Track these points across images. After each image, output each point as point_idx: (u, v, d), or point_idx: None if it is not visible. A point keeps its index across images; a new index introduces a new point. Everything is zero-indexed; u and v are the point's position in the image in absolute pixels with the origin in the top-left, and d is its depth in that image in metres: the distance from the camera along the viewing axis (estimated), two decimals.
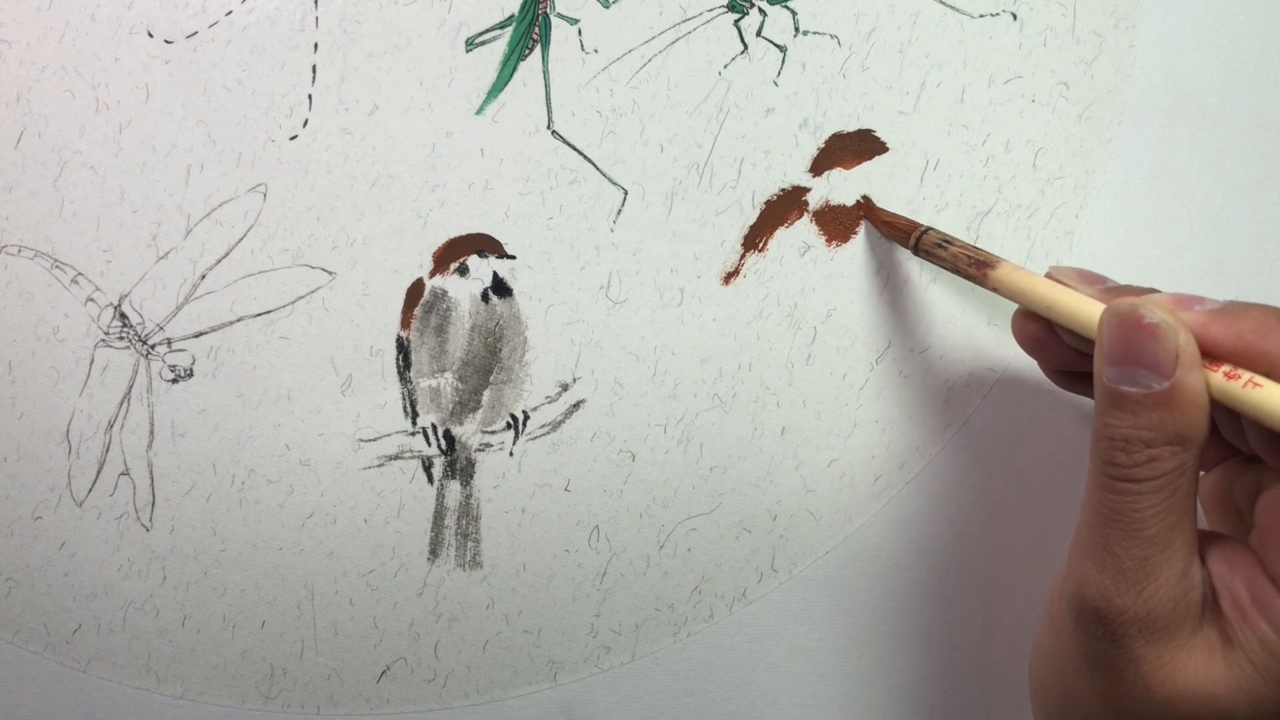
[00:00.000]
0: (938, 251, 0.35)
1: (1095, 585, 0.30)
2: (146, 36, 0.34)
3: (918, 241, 0.36)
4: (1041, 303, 0.32)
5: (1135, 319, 0.29)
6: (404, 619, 0.38)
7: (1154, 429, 0.29)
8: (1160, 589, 0.29)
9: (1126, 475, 0.29)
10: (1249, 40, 0.39)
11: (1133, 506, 0.29)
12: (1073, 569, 0.31)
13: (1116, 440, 0.29)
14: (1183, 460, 0.29)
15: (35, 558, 0.37)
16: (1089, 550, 0.30)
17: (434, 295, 0.37)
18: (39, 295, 0.35)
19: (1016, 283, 0.33)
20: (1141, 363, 0.29)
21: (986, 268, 0.34)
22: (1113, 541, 0.29)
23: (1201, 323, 0.29)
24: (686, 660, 0.40)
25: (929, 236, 0.36)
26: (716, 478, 0.39)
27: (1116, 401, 0.29)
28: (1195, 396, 0.29)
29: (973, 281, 0.34)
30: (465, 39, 0.35)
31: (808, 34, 0.37)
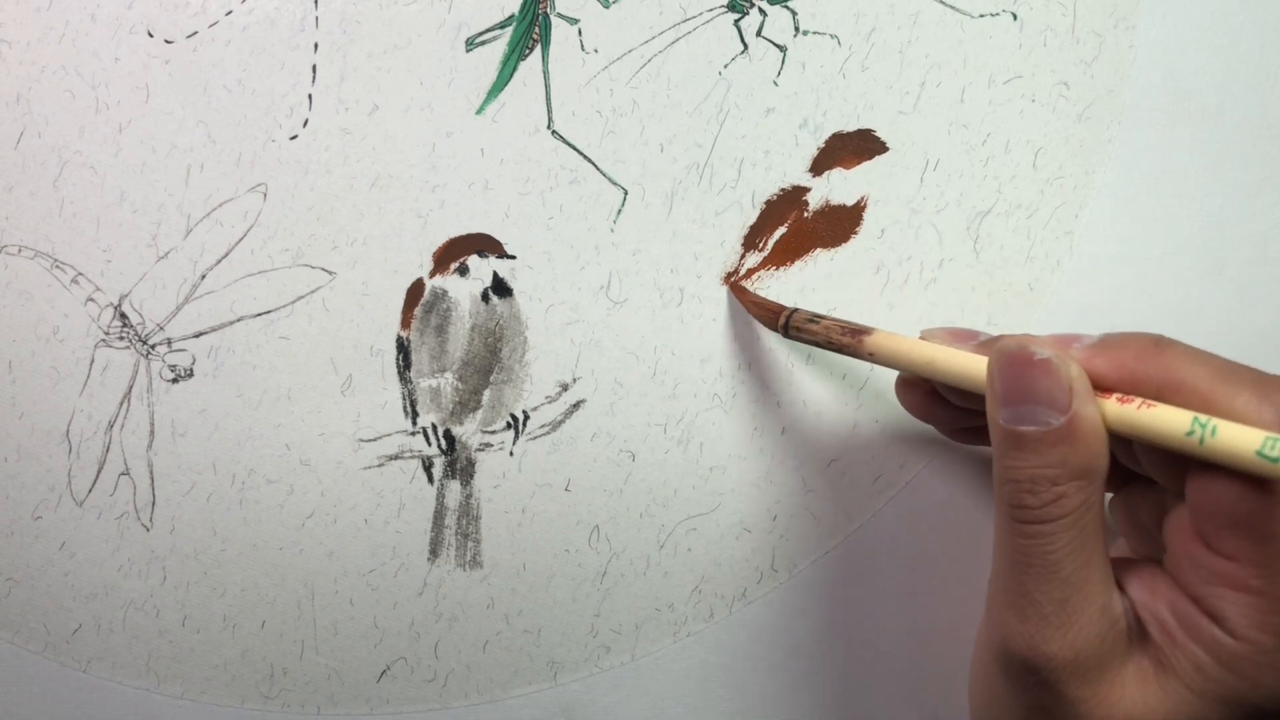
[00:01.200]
0: (808, 327, 0.34)
1: (1020, 635, 0.29)
2: (146, 36, 0.34)
3: (786, 322, 0.35)
4: (921, 365, 0.32)
5: (1025, 356, 0.29)
6: (404, 619, 0.38)
7: (1058, 465, 0.29)
8: (1085, 628, 0.29)
9: (1036, 516, 0.29)
10: (1249, 40, 0.39)
11: (1046, 548, 0.29)
12: (993, 621, 0.30)
13: (1022, 482, 0.29)
14: (1088, 494, 0.29)
15: (35, 558, 0.37)
16: (1007, 600, 0.30)
17: (434, 295, 0.37)
18: (39, 295, 0.35)
19: (893, 349, 0.32)
20: (1036, 400, 0.29)
21: (861, 335, 0.33)
22: (1030, 587, 0.29)
23: (1084, 358, 0.29)
24: (686, 660, 0.40)
25: (797, 315, 0.35)
26: (716, 478, 0.39)
27: (1016, 443, 0.29)
28: (1094, 427, 0.29)
29: (846, 353, 0.34)
30: (465, 39, 0.35)
31: (808, 34, 0.37)
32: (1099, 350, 0.29)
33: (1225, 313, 0.40)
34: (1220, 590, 0.28)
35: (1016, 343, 0.30)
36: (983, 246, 0.38)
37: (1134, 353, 0.29)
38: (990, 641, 0.31)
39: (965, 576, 0.40)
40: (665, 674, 0.40)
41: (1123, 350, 0.29)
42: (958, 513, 0.40)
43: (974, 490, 0.40)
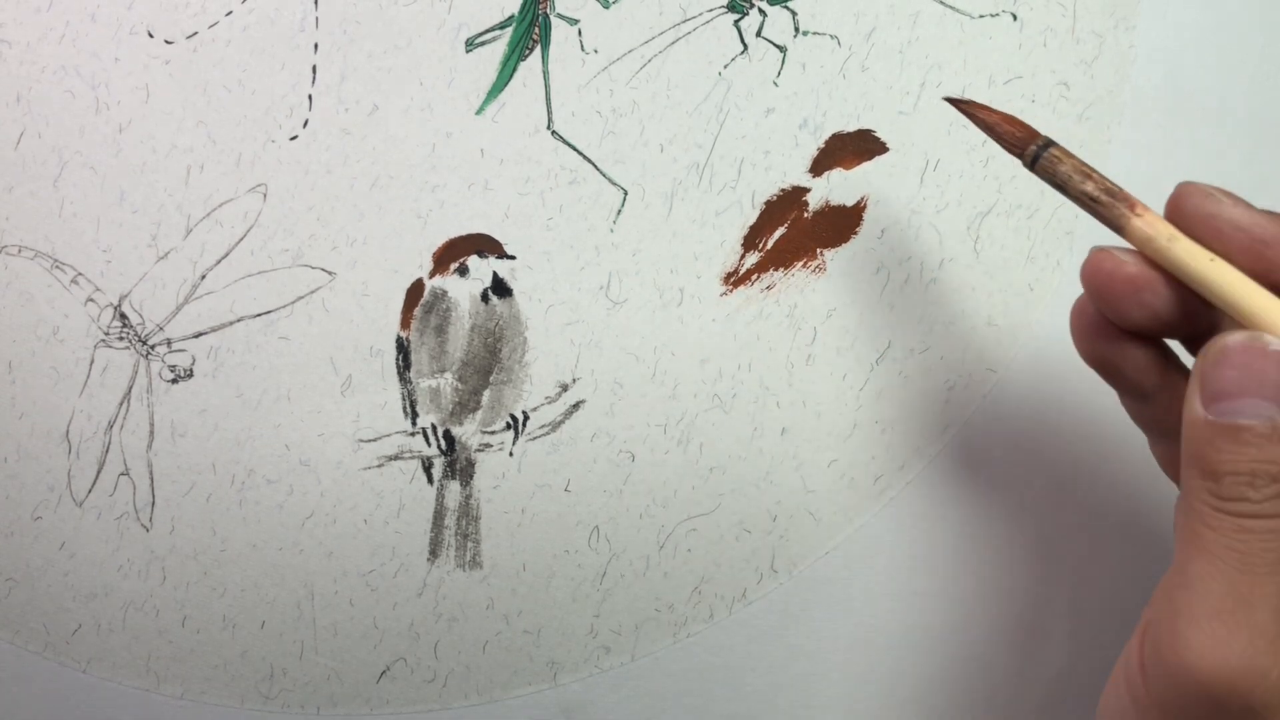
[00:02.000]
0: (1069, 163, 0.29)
1: (1224, 650, 0.26)
2: (146, 36, 0.34)
3: (1038, 154, 0.30)
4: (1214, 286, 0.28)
5: (1259, 347, 0.27)
6: (404, 619, 0.38)
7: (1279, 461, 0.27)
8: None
9: (1257, 511, 0.27)
10: (1249, 40, 0.39)
11: (1270, 546, 0.26)
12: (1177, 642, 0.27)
13: (1241, 475, 0.27)
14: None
15: (35, 558, 0.37)
16: (1206, 609, 0.27)
17: (434, 295, 0.37)
18: (39, 295, 0.35)
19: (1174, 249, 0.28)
20: (1264, 394, 0.27)
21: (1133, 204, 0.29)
22: (1245, 590, 0.26)
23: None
24: (686, 660, 0.40)
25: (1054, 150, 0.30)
26: (716, 478, 0.39)
27: (1233, 436, 0.27)
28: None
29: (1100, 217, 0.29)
30: (465, 39, 0.35)
31: (808, 34, 0.37)
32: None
33: None
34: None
35: (1250, 335, 0.27)
36: (983, 247, 0.38)
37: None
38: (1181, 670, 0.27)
39: (965, 577, 0.40)
40: (665, 674, 0.40)
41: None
42: (958, 513, 0.40)
43: (974, 491, 0.40)
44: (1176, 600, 0.27)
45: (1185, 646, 0.27)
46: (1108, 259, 0.30)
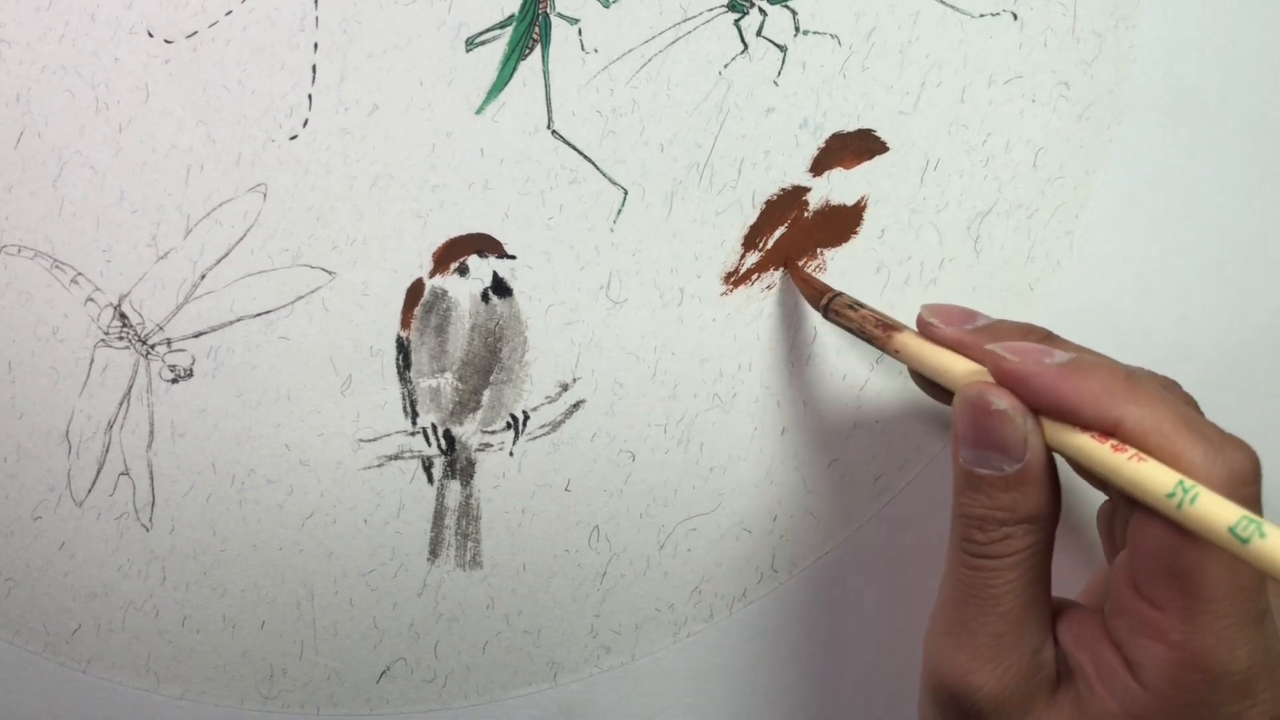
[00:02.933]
0: (846, 313, 0.35)
1: (952, 663, 0.30)
2: (146, 36, 0.34)
3: (828, 303, 0.36)
4: (939, 372, 0.32)
5: (983, 405, 0.30)
6: (404, 619, 0.38)
7: (1007, 509, 0.30)
8: (1015, 666, 0.30)
9: (982, 552, 0.30)
10: (1249, 40, 0.39)
11: (989, 583, 0.30)
12: (929, 647, 0.31)
13: (973, 519, 0.30)
14: (1036, 539, 0.30)
15: (35, 558, 0.37)
16: (946, 627, 0.31)
17: (434, 295, 0.37)
18: (39, 295, 0.35)
19: (917, 352, 0.33)
20: (991, 446, 0.30)
21: (892, 331, 0.34)
22: (969, 617, 0.30)
23: (1052, 377, 0.29)
24: (686, 660, 0.40)
25: (839, 300, 0.35)
26: (716, 478, 0.39)
27: (971, 482, 0.30)
28: (1044, 478, 0.30)
29: (875, 345, 0.34)
30: (465, 39, 0.35)
31: (808, 34, 0.37)
32: (1066, 374, 0.29)
33: (1225, 313, 0.40)
34: (1142, 640, 0.28)
35: (976, 390, 0.30)
36: (983, 246, 0.38)
37: (1101, 383, 0.29)
38: (926, 669, 0.32)
39: None
40: (665, 674, 0.40)
41: (1090, 379, 0.29)
42: None
43: None
44: (931, 615, 0.32)
45: (927, 653, 0.32)
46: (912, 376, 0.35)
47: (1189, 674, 0.28)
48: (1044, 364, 0.30)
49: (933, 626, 0.32)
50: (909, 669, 0.40)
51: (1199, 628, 0.27)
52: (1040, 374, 0.29)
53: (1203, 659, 0.27)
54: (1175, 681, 0.28)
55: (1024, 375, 0.29)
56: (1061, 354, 0.30)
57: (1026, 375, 0.29)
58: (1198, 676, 0.28)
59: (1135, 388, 0.29)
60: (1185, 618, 0.28)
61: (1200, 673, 0.28)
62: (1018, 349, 0.30)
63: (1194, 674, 0.28)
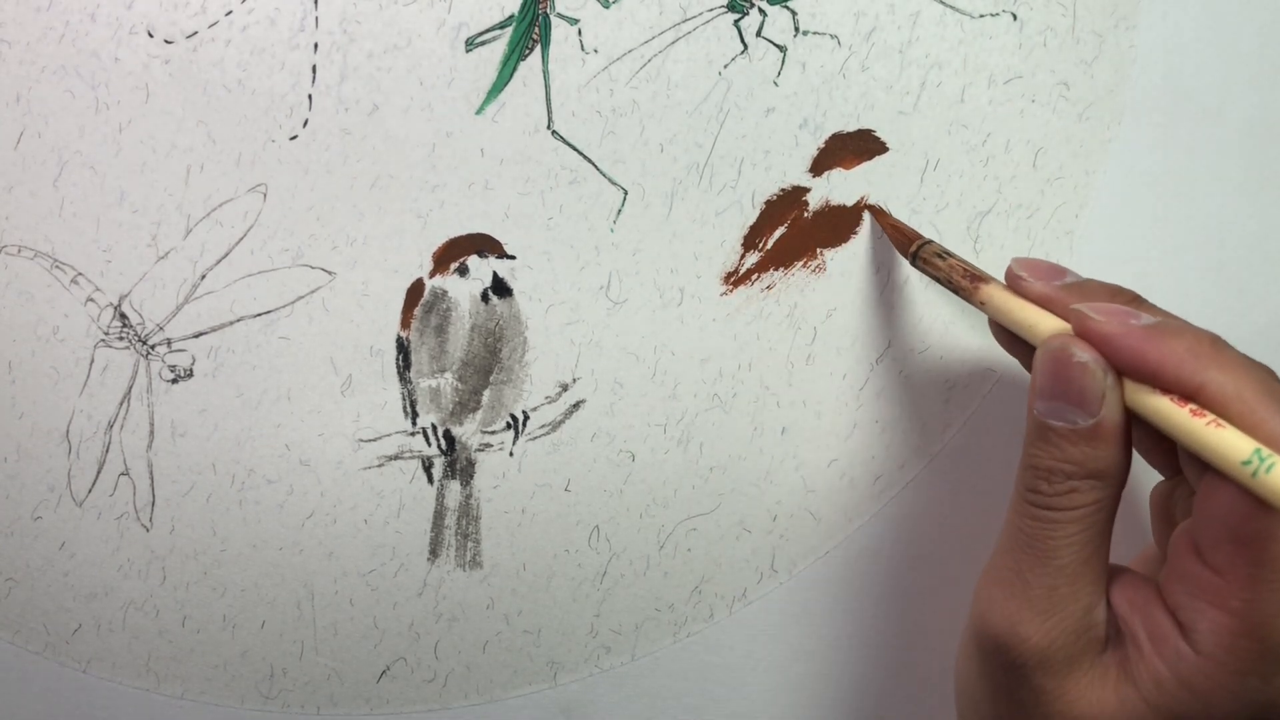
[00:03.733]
0: (935, 262, 0.35)
1: (1001, 611, 0.30)
2: (146, 36, 0.34)
3: (917, 250, 0.36)
4: (1024, 327, 0.32)
5: (1065, 357, 0.30)
6: (404, 619, 0.38)
7: (1076, 463, 0.30)
8: (1065, 621, 0.30)
9: (1046, 504, 0.30)
10: (1249, 40, 0.39)
11: (1049, 535, 0.30)
12: (981, 595, 0.31)
13: (1040, 470, 0.30)
14: (1101, 495, 0.30)
15: (35, 558, 0.37)
16: (999, 575, 0.31)
17: (434, 295, 0.37)
18: (39, 295, 0.35)
19: (1003, 305, 0.33)
20: (1069, 399, 0.30)
21: (979, 281, 0.34)
22: (1025, 567, 0.30)
23: (1138, 338, 0.29)
24: (686, 660, 0.40)
25: (928, 248, 0.36)
26: (716, 478, 0.39)
27: (1043, 434, 0.30)
28: (1116, 435, 0.30)
29: (961, 295, 0.34)
30: (465, 39, 0.35)
31: (808, 34, 0.37)
32: (1152, 336, 0.29)
33: (1225, 313, 0.40)
34: (1199, 604, 0.28)
35: (1060, 342, 0.30)
36: (983, 246, 0.38)
37: (1186, 347, 0.29)
38: (974, 617, 0.32)
39: (965, 577, 0.40)
40: (665, 674, 0.40)
41: (1176, 342, 0.29)
42: (958, 513, 0.40)
43: (974, 491, 0.40)
44: (987, 564, 0.32)
45: (977, 600, 0.31)
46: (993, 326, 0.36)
47: (1245, 641, 0.28)
48: (1129, 325, 0.30)
49: (986, 575, 0.31)
50: (909, 669, 0.40)
51: (1261, 596, 0.27)
52: (1125, 334, 0.29)
53: (1262, 628, 0.27)
54: (1230, 648, 0.28)
55: (1109, 335, 0.29)
56: (1148, 316, 0.30)
57: (1111, 335, 0.29)
58: (1254, 645, 0.28)
59: (1220, 354, 0.29)
60: (1248, 584, 0.28)
61: (1258, 641, 0.28)
62: (1104, 309, 0.30)
63: (1251, 642, 0.28)
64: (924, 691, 0.41)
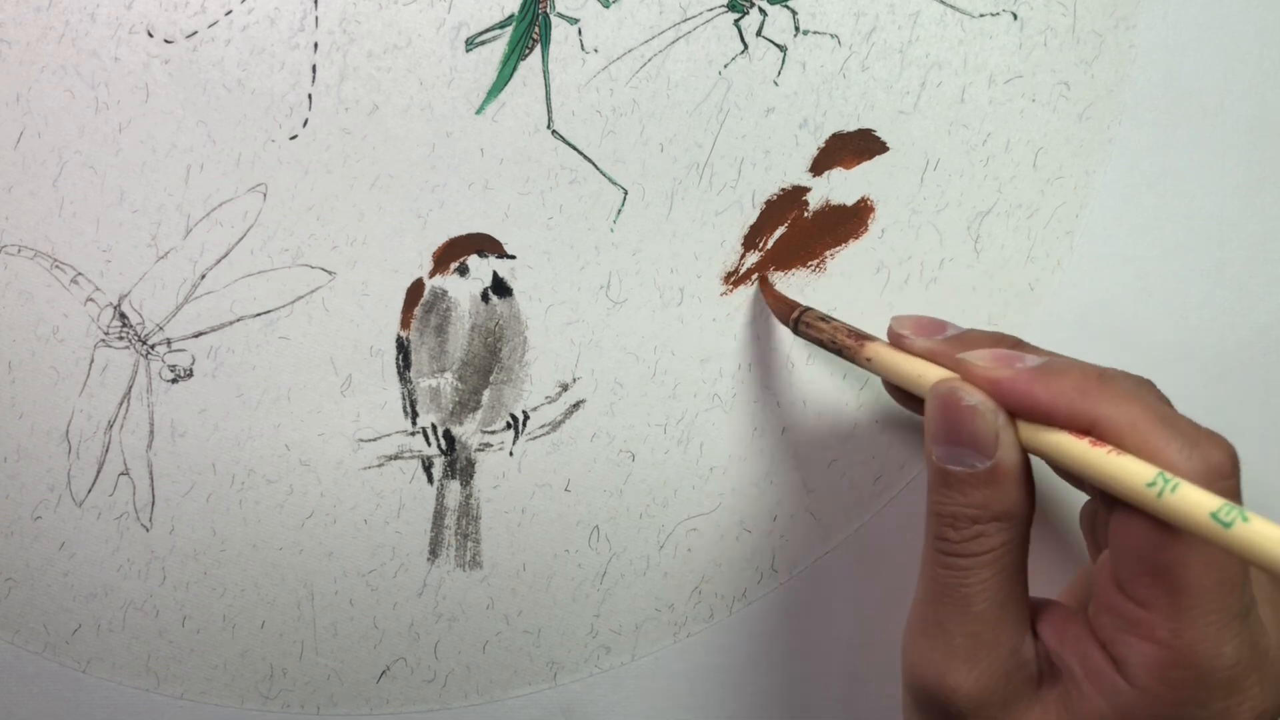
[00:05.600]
0: (818, 325, 0.35)
1: (929, 664, 0.30)
2: (146, 36, 0.34)
3: (799, 318, 0.36)
4: (911, 380, 0.32)
5: (954, 401, 0.30)
6: (404, 619, 0.38)
7: (980, 506, 0.30)
8: (993, 665, 0.30)
9: (956, 550, 0.30)
10: (1249, 40, 0.39)
11: (962, 581, 0.30)
12: (907, 648, 0.31)
13: (945, 517, 0.30)
14: (1009, 537, 0.30)
15: (35, 558, 0.37)
16: (923, 628, 0.31)
17: (434, 295, 0.37)
18: (39, 295, 0.35)
19: (889, 361, 0.33)
20: (963, 443, 0.30)
21: (863, 340, 0.34)
22: (944, 617, 0.30)
23: (1025, 380, 0.29)
24: (686, 660, 0.40)
25: (809, 314, 0.36)
26: (716, 478, 0.39)
27: (944, 480, 0.30)
28: (1016, 474, 0.30)
29: (846, 356, 0.34)
30: (465, 39, 0.35)
31: (808, 34, 0.37)
32: (1039, 376, 0.29)
33: (1225, 313, 0.40)
34: (1127, 638, 0.28)
35: (949, 385, 0.30)
36: (983, 246, 0.38)
37: (1074, 383, 0.29)
38: (904, 670, 0.32)
39: None
40: (665, 674, 0.40)
41: (1063, 380, 0.29)
42: None
43: None
44: (909, 615, 0.32)
45: (905, 653, 0.31)
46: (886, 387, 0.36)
47: (1177, 671, 0.28)
48: (1016, 368, 0.30)
49: (910, 627, 0.32)
50: None
51: (1184, 624, 0.27)
52: (1013, 377, 0.29)
53: (1190, 655, 0.27)
54: (1163, 679, 0.28)
55: (997, 380, 0.29)
56: (1033, 358, 0.30)
57: (999, 380, 0.29)
58: (1185, 673, 0.28)
59: (1109, 386, 0.29)
60: (1170, 614, 0.27)
61: (1188, 669, 0.27)
62: (989, 355, 0.30)
63: (1182, 671, 0.28)
64: None
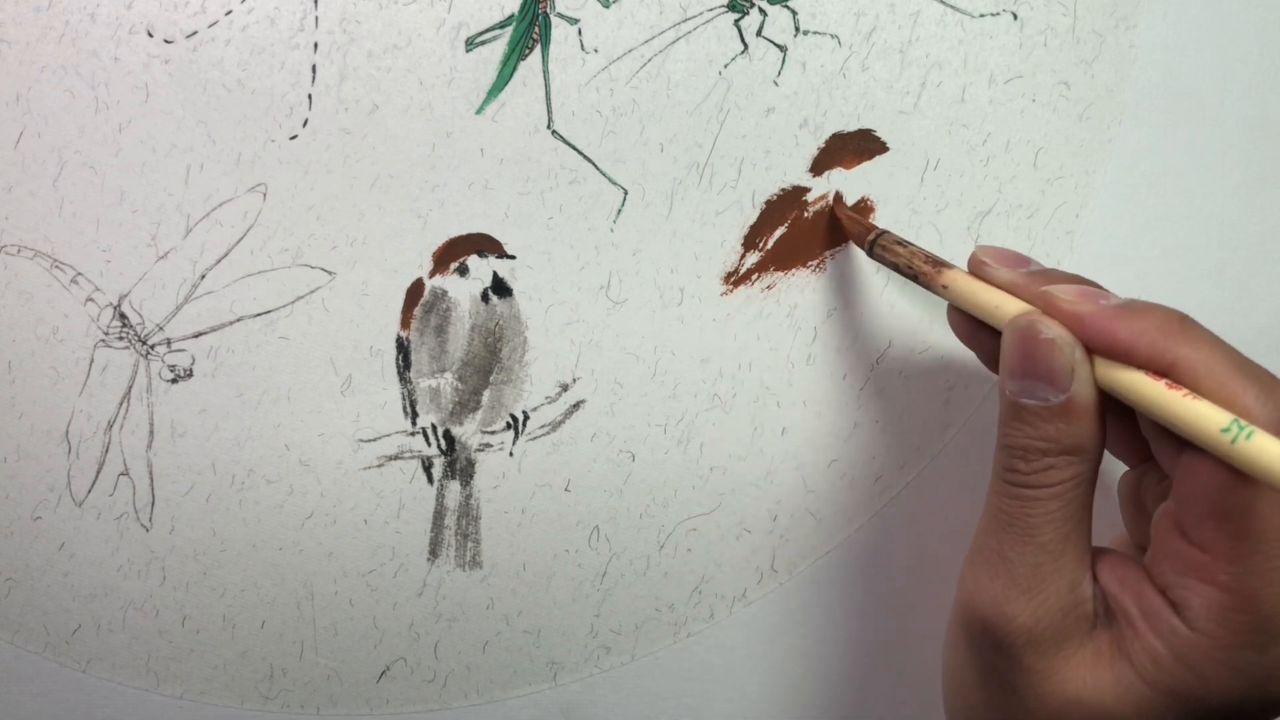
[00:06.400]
0: (894, 249, 0.35)
1: (986, 591, 0.30)
2: (146, 36, 0.34)
3: (874, 240, 0.35)
4: (988, 310, 0.32)
5: (1033, 334, 0.30)
6: (404, 619, 0.38)
7: (1050, 440, 0.30)
8: (1051, 598, 0.30)
9: (1024, 481, 0.30)
10: (1249, 40, 0.39)
11: (1028, 512, 0.30)
12: (966, 577, 0.31)
13: (1016, 449, 0.30)
14: (1078, 471, 0.30)
15: (35, 558, 0.37)
16: (983, 557, 0.31)
17: (434, 295, 0.37)
18: (39, 295, 0.35)
19: (966, 289, 0.33)
20: (1038, 376, 0.30)
21: (941, 267, 0.34)
22: (1007, 547, 0.30)
23: (1106, 319, 0.29)
24: (686, 660, 0.40)
25: (886, 236, 0.35)
26: (716, 478, 0.39)
27: (1016, 413, 0.30)
28: (1088, 409, 0.30)
29: (922, 282, 0.34)
30: (465, 39, 0.35)
31: (808, 34, 0.37)
32: (1121, 314, 0.29)
33: (1225, 313, 0.40)
34: (1189, 581, 0.28)
35: (1028, 319, 0.30)
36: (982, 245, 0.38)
37: (1156, 324, 0.29)
38: (957, 599, 0.32)
39: None
40: (665, 674, 0.40)
41: (1145, 320, 0.29)
42: (958, 514, 0.40)
43: (974, 491, 0.40)
44: (971, 547, 0.32)
45: (963, 584, 0.31)
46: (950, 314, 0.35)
47: (1238, 615, 0.28)
48: (1099, 304, 0.30)
49: (970, 558, 0.31)
50: (909, 668, 0.40)
51: (1248, 569, 0.27)
52: (1096, 313, 0.29)
53: (1252, 600, 0.28)
54: (1223, 622, 0.28)
55: (1079, 314, 0.29)
56: (1115, 297, 0.30)
57: (1081, 314, 0.29)
58: (1246, 618, 0.28)
59: (1189, 330, 0.29)
60: (1234, 559, 0.28)
61: (1249, 614, 0.28)
62: (1072, 290, 0.30)
63: (1242, 615, 0.28)
64: (924, 691, 0.41)
